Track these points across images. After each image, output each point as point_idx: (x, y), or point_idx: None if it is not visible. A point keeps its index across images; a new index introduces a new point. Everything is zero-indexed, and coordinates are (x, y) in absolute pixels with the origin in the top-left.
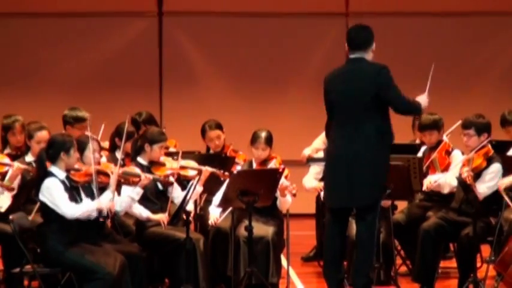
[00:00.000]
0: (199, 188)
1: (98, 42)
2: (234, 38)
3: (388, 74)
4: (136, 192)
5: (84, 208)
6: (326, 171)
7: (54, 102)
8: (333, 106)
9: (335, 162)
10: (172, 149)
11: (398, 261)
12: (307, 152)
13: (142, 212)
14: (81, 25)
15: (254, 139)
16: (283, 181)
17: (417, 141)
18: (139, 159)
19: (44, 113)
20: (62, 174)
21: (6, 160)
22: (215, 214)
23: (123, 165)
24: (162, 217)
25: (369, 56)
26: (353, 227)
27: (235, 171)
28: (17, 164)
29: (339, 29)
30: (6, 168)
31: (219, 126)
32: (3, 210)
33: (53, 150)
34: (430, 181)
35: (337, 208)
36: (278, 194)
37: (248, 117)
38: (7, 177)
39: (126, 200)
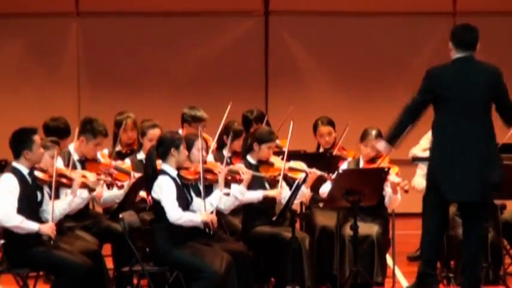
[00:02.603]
0: (307, 191)
1: (205, 42)
2: (339, 37)
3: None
4: (239, 190)
5: (190, 217)
6: (448, 164)
7: (163, 101)
8: (449, 101)
9: (464, 155)
10: (284, 149)
11: (507, 260)
12: (414, 151)
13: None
14: (188, 24)
15: (364, 136)
16: (394, 178)
17: None
18: (249, 158)
19: (153, 112)
20: (174, 172)
21: (129, 170)
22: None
23: (230, 164)
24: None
25: (475, 55)
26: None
27: (340, 171)
28: (137, 175)
29: (445, 28)
30: (127, 177)
31: (331, 123)
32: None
33: (163, 148)
34: None
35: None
36: (387, 191)
37: (353, 116)
38: (126, 184)
39: (229, 199)
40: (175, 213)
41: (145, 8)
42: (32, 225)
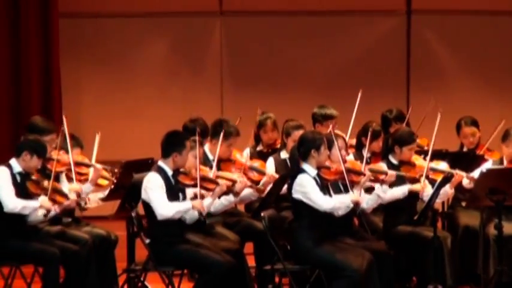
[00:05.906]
0: (451, 191)
1: (346, 41)
2: (484, 36)
3: None
4: (382, 189)
5: (339, 199)
6: None
7: (305, 101)
8: None
9: None
10: (426, 148)
11: None
12: None
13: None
14: (329, 23)
15: (505, 136)
16: None
17: None
18: (390, 158)
19: (295, 111)
20: (313, 172)
21: (263, 169)
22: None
23: (369, 163)
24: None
25: None
26: None
27: (484, 170)
28: (270, 173)
29: None
30: (261, 177)
31: (475, 123)
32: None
33: (304, 148)
34: None
35: None
36: None
37: (497, 117)
38: (261, 183)
39: (372, 198)
40: (326, 203)
41: (288, 7)
42: (186, 205)
